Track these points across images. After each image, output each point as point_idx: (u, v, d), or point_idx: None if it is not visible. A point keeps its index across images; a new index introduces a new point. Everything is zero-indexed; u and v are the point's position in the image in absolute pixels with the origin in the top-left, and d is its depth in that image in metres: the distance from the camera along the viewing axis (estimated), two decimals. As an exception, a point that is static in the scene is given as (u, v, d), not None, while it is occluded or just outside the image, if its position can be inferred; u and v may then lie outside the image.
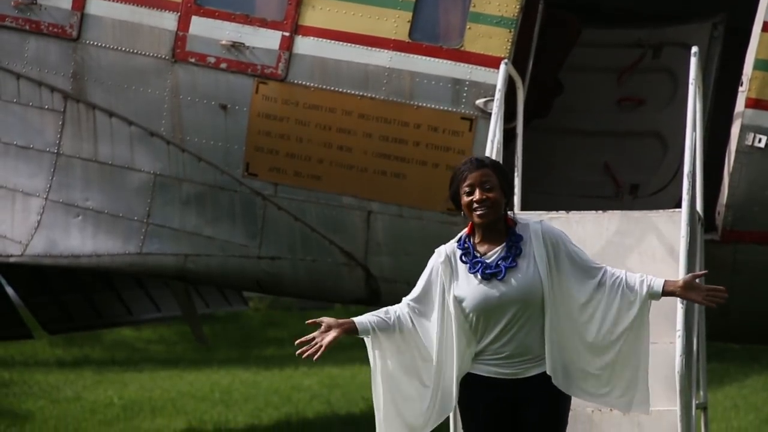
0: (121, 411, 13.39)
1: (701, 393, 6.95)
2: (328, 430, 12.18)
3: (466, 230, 5.46)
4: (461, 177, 5.39)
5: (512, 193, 5.50)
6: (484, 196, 5.35)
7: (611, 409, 6.42)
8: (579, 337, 5.34)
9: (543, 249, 5.35)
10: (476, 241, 5.40)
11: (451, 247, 5.44)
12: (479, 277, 5.33)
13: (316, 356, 5.33)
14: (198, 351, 18.32)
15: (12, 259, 8.50)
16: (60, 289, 10.63)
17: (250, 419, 13.03)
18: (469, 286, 5.34)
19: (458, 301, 5.36)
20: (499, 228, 5.39)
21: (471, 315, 5.33)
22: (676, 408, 6.23)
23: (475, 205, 5.36)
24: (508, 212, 5.44)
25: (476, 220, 5.38)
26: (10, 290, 10.20)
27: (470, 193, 5.36)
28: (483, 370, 5.36)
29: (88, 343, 19.06)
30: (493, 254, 5.35)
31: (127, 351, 19.23)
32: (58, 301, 10.64)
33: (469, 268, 5.35)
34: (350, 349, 19.39)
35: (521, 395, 5.32)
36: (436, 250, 5.47)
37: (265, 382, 15.71)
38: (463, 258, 5.38)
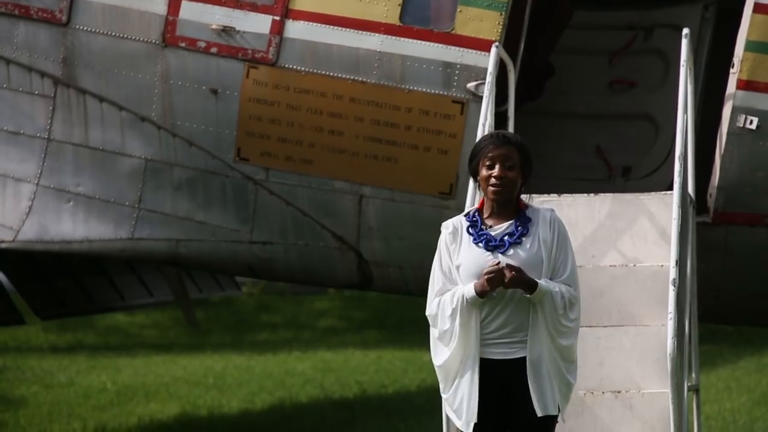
0: (114, 396, 13.40)
1: (693, 375, 6.96)
2: (321, 415, 12.20)
3: (476, 205, 5.50)
4: (485, 150, 5.41)
5: (530, 175, 5.48)
6: (503, 174, 5.37)
7: (603, 392, 6.43)
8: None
9: (549, 233, 5.38)
10: (485, 216, 5.43)
11: (458, 219, 5.48)
12: (482, 246, 5.35)
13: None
14: (191, 336, 18.33)
15: (3, 245, 8.48)
16: (52, 275, 10.62)
17: (244, 404, 13.04)
18: (470, 254, 5.36)
19: (458, 270, 5.37)
20: (511, 208, 5.43)
21: (467, 282, 5.33)
22: (668, 390, 6.24)
23: (493, 180, 5.37)
24: (522, 195, 5.46)
25: (491, 195, 5.40)
26: (1, 276, 10.19)
27: (490, 168, 5.38)
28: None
29: (82, 328, 19.06)
30: (499, 228, 5.39)
31: (121, 336, 19.24)
32: (50, 287, 10.63)
33: (474, 239, 5.38)
34: (343, 333, 19.45)
35: (512, 377, 5.33)
36: (443, 224, 5.48)
37: (259, 366, 15.72)
38: (470, 230, 5.41)
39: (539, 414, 5.29)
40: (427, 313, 5.44)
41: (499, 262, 5.28)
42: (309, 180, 8.05)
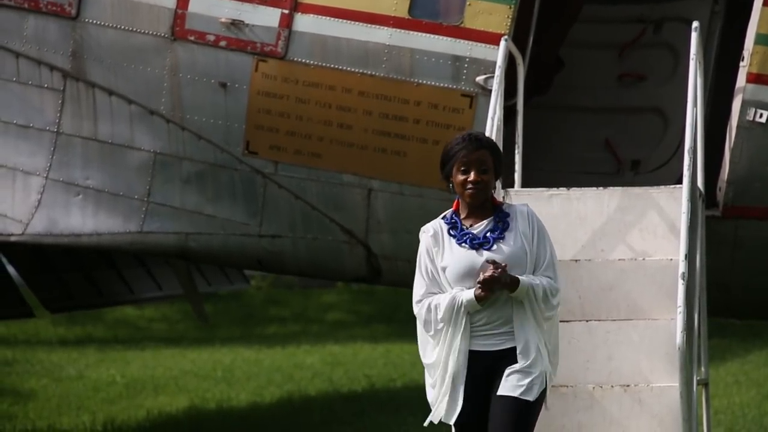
0: (123, 389, 13.43)
1: (702, 369, 6.95)
2: (329, 408, 12.21)
3: (452, 208, 5.58)
4: (458, 155, 5.49)
5: (501, 173, 5.61)
6: (479, 178, 5.48)
7: (612, 386, 6.43)
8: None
9: (528, 227, 5.49)
10: (463, 217, 5.53)
11: (437, 223, 5.56)
12: (467, 246, 5.44)
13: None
14: (200, 329, 18.36)
15: (13, 238, 8.49)
16: (61, 268, 10.63)
17: (252, 397, 13.06)
18: (454, 255, 5.46)
19: (444, 271, 5.45)
20: (486, 206, 5.54)
21: (456, 282, 5.43)
22: (677, 384, 6.23)
23: (470, 185, 5.48)
24: (495, 191, 5.60)
25: (467, 199, 5.52)
26: (11, 269, 10.21)
27: (466, 172, 5.49)
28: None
29: (91, 321, 19.10)
30: (479, 227, 5.50)
31: (130, 329, 19.28)
32: (59, 280, 10.65)
33: (457, 240, 5.47)
34: (351, 327, 19.46)
35: (496, 368, 5.41)
36: (422, 229, 5.56)
37: (267, 360, 15.75)
38: (451, 232, 5.50)
39: (516, 395, 5.35)
40: (415, 312, 5.51)
41: (491, 260, 5.33)
42: (318, 173, 8.05)
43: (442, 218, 5.56)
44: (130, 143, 8.33)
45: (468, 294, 5.38)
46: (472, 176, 5.46)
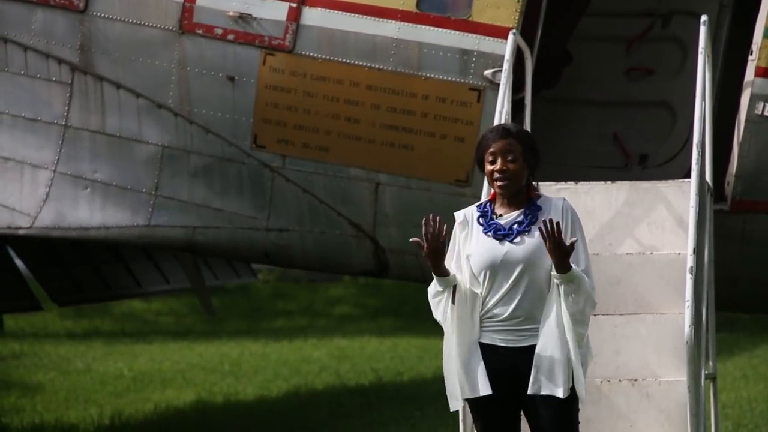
0: (131, 382, 13.46)
1: (710, 363, 6.95)
2: (337, 402, 12.22)
3: (489, 196, 5.54)
4: (486, 145, 5.45)
5: (537, 163, 5.50)
6: (505, 167, 5.41)
7: (620, 380, 6.42)
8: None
9: (561, 222, 5.36)
10: (496, 206, 5.48)
11: (470, 209, 5.52)
12: (491, 236, 5.39)
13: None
14: (207, 323, 18.39)
15: (21, 232, 8.50)
16: (69, 261, 10.65)
17: (260, 391, 13.08)
18: (478, 243, 5.41)
19: (467, 258, 5.41)
20: (521, 198, 5.46)
21: (478, 272, 5.38)
22: (685, 378, 6.23)
23: (497, 174, 5.42)
24: (533, 183, 5.48)
25: (497, 190, 5.46)
26: (19, 262, 10.23)
27: (493, 162, 5.43)
28: (485, 337, 5.39)
29: (98, 315, 19.14)
30: (508, 217, 5.44)
31: (137, 323, 19.31)
32: (67, 273, 10.66)
33: (484, 229, 5.43)
34: (359, 321, 19.48)
35: (523, 365, 5.34)
36: (455, 214, 5.52)
37: (275, 353, 15.77)
38: (480, 220, 5.46)
39: (545, 392, 5.28)
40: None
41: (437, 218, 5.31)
42: (325, 167, 8.05)
43: (477, 206, 5.51)
44: (138, 137, 8.33)
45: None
46: (498, 165, 5.40)
